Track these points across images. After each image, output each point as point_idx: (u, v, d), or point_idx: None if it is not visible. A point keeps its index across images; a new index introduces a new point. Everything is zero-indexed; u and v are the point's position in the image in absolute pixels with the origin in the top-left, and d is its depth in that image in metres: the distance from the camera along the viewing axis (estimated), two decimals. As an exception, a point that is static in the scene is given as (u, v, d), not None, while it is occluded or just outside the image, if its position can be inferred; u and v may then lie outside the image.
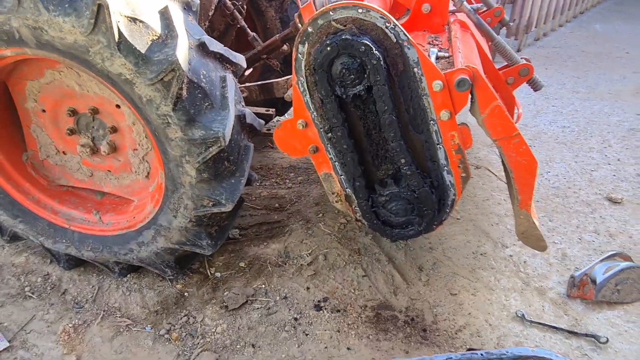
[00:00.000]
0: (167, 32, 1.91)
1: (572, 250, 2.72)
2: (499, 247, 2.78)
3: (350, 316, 2.36)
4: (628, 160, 3.65)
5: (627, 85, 5.18)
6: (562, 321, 2.27)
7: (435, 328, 2.27)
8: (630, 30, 7.41)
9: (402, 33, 1.56)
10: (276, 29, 3.50)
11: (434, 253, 2.76)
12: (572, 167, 3.58)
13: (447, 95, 1.65)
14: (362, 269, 2.64)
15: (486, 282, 2.53)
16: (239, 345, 2.28)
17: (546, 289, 2.46)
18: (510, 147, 1.73)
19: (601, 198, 3.19)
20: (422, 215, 1.91)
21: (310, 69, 1.66)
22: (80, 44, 1.85)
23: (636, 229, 2.87)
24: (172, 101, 1.93)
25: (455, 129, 1.73)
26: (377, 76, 1.59)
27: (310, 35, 1.61)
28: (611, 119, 4.37)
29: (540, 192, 3.27)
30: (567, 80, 5.38)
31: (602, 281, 2.31)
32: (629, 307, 2.33)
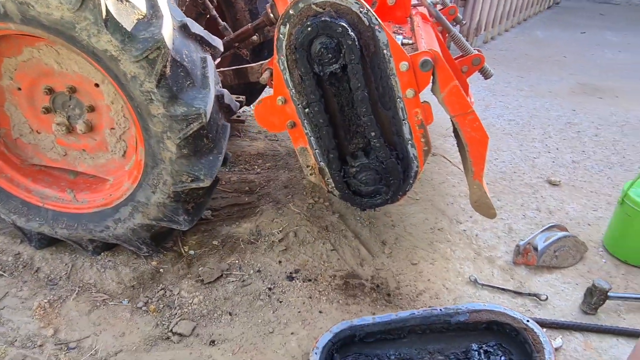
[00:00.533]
0: (152, 12, 2.01)
1: (517, 225, 3.03)
2: (454, 223, 3.05)
3: (321, 284, 2.54)
4: (565, 149, 4.05)
5: (564, 85, 5.68)
6: (509, 284, 2.55)
7: (398, 293, 2.49)
8: (567, 37, 8.06)
9: (374, 18, 1.76)
10: (245, 20, 3.62)
11: (396, 229, 2.99)
12: (517, 155, 3.94)
13: (412, 75, 1.87)
14: (330, 244, 2.82)
15: (443, 253, 2.78)
16: (216, 314, 2.40)
17: (495, 258, 2.74)
18: (466, 122, 1.97)
19: (542, 181, 3.55)
20: (389, 185, 2.11)
21: (291, 48, 1.82)
22: (66, 20, 1.92)
23: (571, 207, 3.23)
24: (156, 78, 2.03)
25: (419, 106, 1.95)
26: (352, 55, 1.78)
27: (292, 17, 1.77)
28: (551, 114, 4.80)
29: (489, 176, 3.59)
30: (513, 80, 5.82)
31: (542, 248, 2.61)
32: (565, 271, 2.65)
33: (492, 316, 2.10)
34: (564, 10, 10.42)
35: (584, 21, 9.29)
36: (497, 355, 2.03)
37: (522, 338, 2.03)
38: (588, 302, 2.33)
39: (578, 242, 2.70)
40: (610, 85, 5.69)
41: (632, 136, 4.33)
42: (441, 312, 2.14)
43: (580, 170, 3.70)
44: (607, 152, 4.01)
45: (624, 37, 8.12)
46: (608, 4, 11.30)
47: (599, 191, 3.42)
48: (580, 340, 2.21)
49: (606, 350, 2.16)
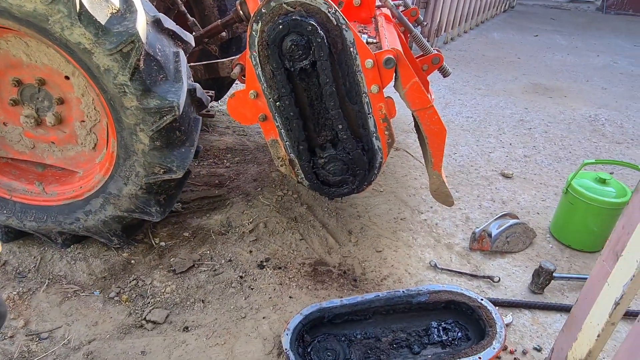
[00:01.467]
0: (126, 7, 2.06)
1: (474, 214, 3.24)
2: (415, 213, 3.22)
3: (290, 272, 2.65)
4: (517, 145, 4.33)
5: (518, 85, 6.01)
6: (466, 268, 2.74)
7: (364, 278, 2.63)
8: (521, 39, 8.48)
9: (341, 17, 1.88)
10: (214, 16, 3.67)
11: (361, 220, 3.13)
12: (474, 150, 4.17)
13: (376, 72, 2.00)
14: (299, 234, 2.94)
15: (405, 241, 2.95)
16: (189, 302, 2.47)
17: (453, 244, 2.94)
18: (426, 116, 2.13)
19: (496, 174, 3.79)
20: (355, 175, 2.25)
21: (263, 44, 1.92)
22: (39, 12, 1.93)
23: (522, 197, 3.48)
24: (129, 71, 2.08)
25: (382, 101, 2.09)
26: (321, 52, 1.89)
27: (264, 15, 1.87)
28: (505, 112, 5.09)
29: (448, 170, 3.80)
30: (471, 79, 6.11)
31: (495, 235, 2.82)
32: (516, 255, 2.87)
33: (450, 296, 2.27)
34: (519, 14, 10.93)
35: (537, 25, 9.80)
36: (455, 332, 2.20)
37: (477, 315, 2.20)
38: (536, 282, 2.55)
39: (527, 229, 2.92)
40: (559, 85, 6.06)
41: (578, 133, 4.66)
42: (403, 293, 2.29)
43: (531, 164, 3.97)
44: (556, 148, 4.31)
45: (572, 40, 8.63)
46: (559, 9, 11.93)
47: (547, 183, 3.69)
48: (529, 317, 2.42)
49: (551, 324, 2.37)
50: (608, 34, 9.41)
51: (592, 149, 4.31)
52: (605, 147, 4.38)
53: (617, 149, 4.34)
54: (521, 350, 2.21)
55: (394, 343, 2.16)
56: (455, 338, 2.17)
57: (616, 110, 5.27)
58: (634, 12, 11.69)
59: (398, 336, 2.20)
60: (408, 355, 2.12)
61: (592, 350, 1.34)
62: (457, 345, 2.14)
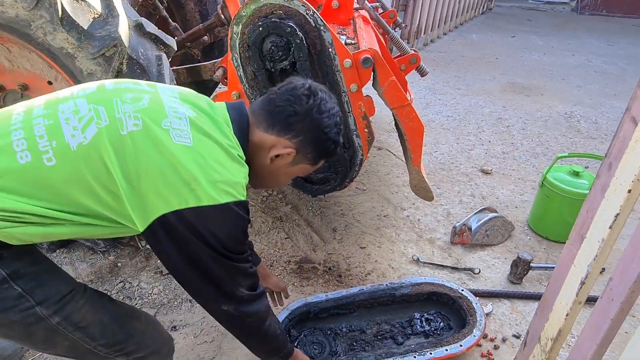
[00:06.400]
0: (108, 12, 2.10)
1: (455, 209, 3.33)
2: (398, 210, 3.30)
3: (276, 269, 2.69)
4: (496, 142, 4.44)
5: (496, 84, 6.15)
6: (447, 261, 2.82)
7: (349, 274, 2.69)
8: (499, 40, 8.67)
9: (319, 19, 1.94)
10: (195, 20, 3.70)
11: (345, 217, 3.20)
12: (454, 147, 4.28)
13: (355, 71, 2.07)
14: (284, 233, 2.99)
15: (389, 237, 3.02)
16: (177, 302, 2.49)
17: (435, 239, 3.01)
18: (404, 114, 2.20)
19: (476, 170, 3.89)
20: (337, 172, 2.31)
21: (244, 46, 1.97)
22: (22, 18, 1.96)
23: (501, 192, 3.58)
24: (113, 75, 2.12)
25: (362, 99, 2.16)
26: (300, 53, 1.95)
27: (244, 18, 1.93)
28: (484, 110, 5.21)
29: (430, 167, 3.88)
30: (451, 79, 6.23)
31: (475, 229, 2.91)
32: (495, 248, 2.96)
33: (432, 288, 2.35)
34: (497, 15, 11.16)
35: (514, 26, 10.02)
36: (437, 322, 2.27)
37: (458, 305, 2.28)
38: (514, 272, 2.64)
39: (506, 222, 3.02)
40: (536, 84, 6.22)
41: (554, 129, 4.79)
42: (387, 286, 2.35)
43: (510, 160, 4.09)
44: (533, 144, 4.43)
45: (548, 40, 8.84)
46: (535, 11, 12.21)
47: (525, 178, 3.80)
48: (508, 306, 2.50)
49: (529, 312, 2.46)
50: (583, 34, 9.67)
51: (568, 145, 4.44)
52: (581, 142, 4.52)
53: (592, 144, 4.48)
54: (501, 337, 2.29)
55: (378, 335, 2.22)
56: (437, 328, 2.24)
57: (591, 107, 5.43)
58: (607, 12, 12.03)
59: (382, 328, 2.26)
60: (392, 345, 2.18)
61: (562, 329, 1.42)
62: (440, 334, 2.21)
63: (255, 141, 1.30)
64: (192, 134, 1.15)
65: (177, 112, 1.18)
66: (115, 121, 1.12)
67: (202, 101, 1.29)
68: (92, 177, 1.10)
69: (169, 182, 1.10)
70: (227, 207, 1.14)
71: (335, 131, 1.33)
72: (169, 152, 1.11)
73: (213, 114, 1.24)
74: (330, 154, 1.38)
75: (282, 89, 1.31)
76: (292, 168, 1.37)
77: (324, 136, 1.31)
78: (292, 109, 1.26)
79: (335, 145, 1.36)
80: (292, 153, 1.30)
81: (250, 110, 1.33)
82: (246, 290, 1.32)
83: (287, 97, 1.28)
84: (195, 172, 1.11)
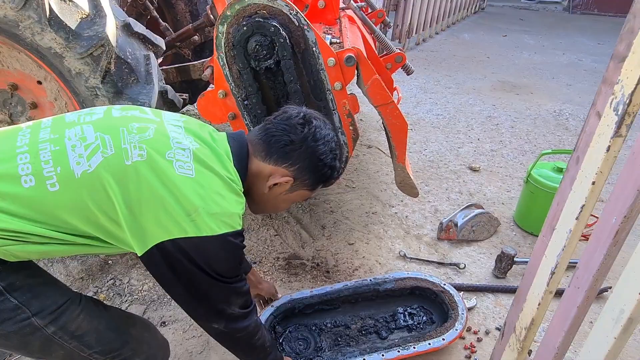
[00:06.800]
0: (95, 12, 2.13)
1: (442, 206, 3.38)
2: (386, 207, 3.34)
3: (265, 265, 2.73)
4: (485, 140, 4.49)
5: (487, 83, 6.21)
6: (434, 256, 2.86)
7: (336, 269, 2.73)
8: (490, 39, 8.73)
9: (302, 19, 1.98)
10: (186, 21, 3.74)
11: (334, 215, 3.24)
12: (443, 145, 4.32)
13: (339, 70, 2.11)
14: (274, 230, 3.03)
15: (377, 233, 3.06)
16: (167, 298, 2.53)
17: (422, 235, 3.06)
18: (388, 112, 2.24)
19: (464, 168, 3.94)
20: (323, 169, 2.35)
21: (229, 45, 2.01)
22: (10, 18, 1.99)
23: (489, 189, 3.63)
24: (101, 74, 2.15)
25: (346, 97, 2.20)
26: (284, 52, 1.99)
27: (229, 17, 1.96)
28: (474, 109, 5.26)
29: (419, 165, 3.93)
30: (442, 78, 6.28)
31: (461, 224, 2.96)
32: (481, 243, 3.01)
33: (415, 282, 2.38)
34: (489, 15, 11.23)
35: (506, 25, 10.09)
36: (420, 316, 2.31)
37: (440, 299, 2.31)
38: (498, 267, 2.69)
39: (492, 218, 3.06)
40: (526, 82, 6.29)
41: (542, 127, 4.85)
42: (370, 282, 2.38)
43: (498, 158, 4.14)
44: (521, 142, 4.49)
45: (539, 40, 8.92)
46: (527, 10, 12.29)
47: (512, 175, 3.85)
48: (492, 300, 2.55)
49: (513, 306, 2.50)
50: (574, 33, 9.75)
51: (556, 142, 4.50)
52: (569, 140, 4.58)
53: (579, 141, 4.54)
54: (484, 330, 2.33)
55: (362, 329, 2.26)
56: (420, 322, 2.28)
57: (579, 105, 5.50)
58: (598, 11, 12.13)
59: (366, 323, 2.30)
60: (376, 340, 2.22)
61: (535, 318, 1.46)
62: (423, 328, 2.25)
63: (253, 170, 1.35)
64: (195, 165, 1.20)
65: (181, 144, 1.22)
66: (121, 151, 1.16)
67: (204, 132, 1.33)
68: (94, 204, 1.14)
69: (170, 211, 1.13)
70: (224, 237, 1.19)
71: (331, 157, 1.37)
72: (171, 182, 1.15)
73: (215, 145, 1.29)
74: (327, 179, 1.43)
75: (277, 119, 1.36)
76: (290, 195, 1.42)
77: (320, 163, 1.35)
78: (288, 139, 1.31)
79: (332, 171, 1.40)
80: (290, 181, 1.35)
81: (249, 140, 1.38)
82: (238, 308, 1.35)
83: (283, 126, 1.33)
84: (196, 202, 1.15)
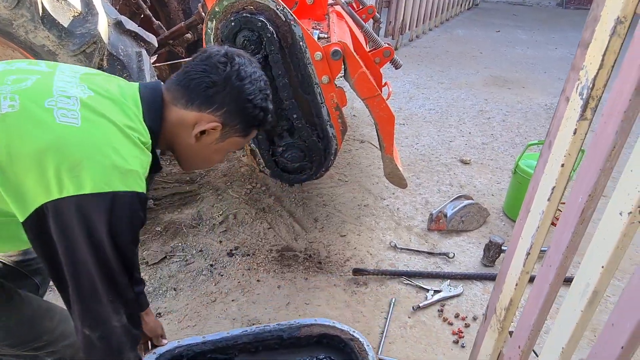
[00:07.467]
0: (87, 10, 2.18)
1: (433, 198, 3.44)
2: (378, 199, 3.40)
3: (258, 258, 2.79)
4: (476, 134, 4.55)
5: (479, 78, 6.27)
6: (424, 246, 2.92)
7: (328, 260, 2.79)
8: (484, 35, 8.79)
9: (289, 14, 2.04)
10: (179, 19, 3.79)
11: (326, 208, 3.29)
12: (435, 139, 4.38)
13: (325, 64, 2.17)
14: (267, 223, 3.08)
15: (368, 225, 3.12)
16: (162, 290, 2.58)
17: (413, 226, 3.12)
18: (374, 104, 2.30)
19: (456, 161, 4.00)
20: (312, 161, 2.40)
21: (218, 40, 2.06)
22: (3, 17, 2.04)
23: (479, 181, 3.69)
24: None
25: (333, 90, 2.25)
26: (272, 47, 2.05)
27: (217, 13, 2.02)
28: (466, 103, 5.32)
29: (410, 158, 3.99)
30: (434, 74, 6.34)
31: (451, 215, 3.01)
32: (470, 233, 3.07)
33: (323, 329, 2.05)
34: (482, 11, 11.28)
35: (499, 21, 10.14)
36: (327, 367, 1.96)
37: (349, 348, 1.99)
38: (487, 255, 2.75)
39: (481, 209, 3.12)
40: (518, 77, 6.35)
41: (533, 121, 4.91)
42: (274, 328, 2.03)
43: (489, 151, 4.20)
44: (512, 135, 4.55)
45: (532, 35, 8.98)
46: (521, 5, 12.35)
47: (502, 167, 3.91)
48: (480, 287, 2.61)
49: (500, 293, 2.56)
50: (567, 28, 9.81)
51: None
52: (559, 132, 4.63)
53: (569, 134, 4.60)
54: (472, 316, 2.39)
55: (266, 382, 1.90)
56: (327, 374, 1.94)
57: (570, 99, 5.55)
58: (592, 6, 12.17)
59: (268, 376, 1.92)
60: (279, 397, 1.87)
61: (513, 298, 1.52)
62: (330, 382, 1.93)
63: (174, 120, 1.19)
64: (82, 113, 1.03)
65: (67, 92, 1.06)
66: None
67: (112, 83, 1.18)
68: None
69: (47, 167, 0.96)
70: (114, 196, 0.99)
71: (261, 97, 1.23)
72: (50, 132, 0.98)
73: (119, 95, 1.13)
74: (260, 122, 1.27)
75: (196, 60, 1.20)
76: (222, 144, 1.27)
77: (249, 104, 1.21)
78: (209, 80, 1.16)
79: (264, 113, 1.26)
80: (218, 127, 1.20)
81: (166, 88, 1.21)
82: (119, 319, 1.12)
83: (203, 67, 1.17)
84: (79, 155, 0.97)
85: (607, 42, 1.04)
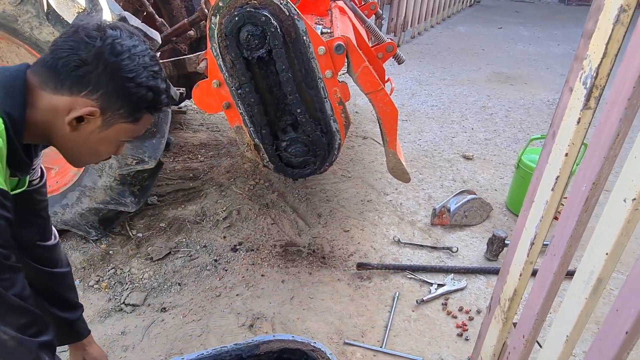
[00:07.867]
0: (91, 6, 2.19)
1: (436, 193, 3.44)
2: (381, 195, 3.41)
3: (262, 253, 2.80)
4: (479, 129, 4.55)
5: (481, 74, 6.26)
6: (427, 241, 2.93)
7: (332, 255, 2.80)
8: (485, 31, 8.78)
9: (292, 8, 2.04)
10: (182, 16, 3.79)
11: (330, 203, 3.30)
12: (437, 135, 4.39)
13: (329, 58, 2.17)
14: (270, 219, 3.09)
15: (372, 220, 3.13)
16: (166, 286, 2.60)
17: (416, 221, 3.13)
18: (378, 98, 2.31)
19: (458, 156, 4.00)
20: (316, 156, 2.41)
21: (222, 36, 2.07)
22: (9, 13, 2.06)
23: (482, 176, 3.69)
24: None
25: (337, 85, 2.26)
26: (275, 41, 2.05)
27: (221, 8, 2.02)
28: (468, 99, 5.32)
29: (413, 154, 3.99)
30: (437, 70, 6.34)
31: (454, 209, 3.02)
32: (473, 228, 3.07)
33: (282, 344, 1.97)
34: (485, 8, 11.26)
35: (501, 18, 10.12)
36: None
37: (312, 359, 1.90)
38: (490, 250, 2.75)
39: (484, 203, 3.13)
40: (520, 73, 6.34)
41: (536, 116, 4.91)
42: (231, 348, 1.94)
43: (491, 146, 4.20)
44: (515, 130, 4.55)
45: (534, 31, 8.96)
46: (523, 2, 12.31)
47: (505, 162, 3.91)
48: (484, 281, 2.62)
49: (504, 287, 2.57)
50: (569, 24, 9.78)
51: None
52: (561, 128, 4.63)
53: (572, 129, 4.60)
54: (475, 310, 2.40)
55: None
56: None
57: (573, 94, 5.54)
58: (594, 2, 12.13)
59: (225, 398, 1.83)
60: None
61: (517, 288, 1.53)
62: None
63: (44, 107, 1.03)
64: None
65: None
66: None
67: None
68: None
69: None
70: None
71: (146, 75, 1.05)
72: None
73: None
74: (151, 104, 1.10)
75: (64, 36, 1.04)
76: (107, 132, 1.09)
77: (131, 83, 1.04)
78: (77, 58, 1.00)
79: (153, 92, 1.08)
80: (95, 112, 1.04)
81: (31, 70, 1.04)
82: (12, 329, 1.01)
83: (70, 43, 1.01)
84: None
85: (610, 31, 1.04)
